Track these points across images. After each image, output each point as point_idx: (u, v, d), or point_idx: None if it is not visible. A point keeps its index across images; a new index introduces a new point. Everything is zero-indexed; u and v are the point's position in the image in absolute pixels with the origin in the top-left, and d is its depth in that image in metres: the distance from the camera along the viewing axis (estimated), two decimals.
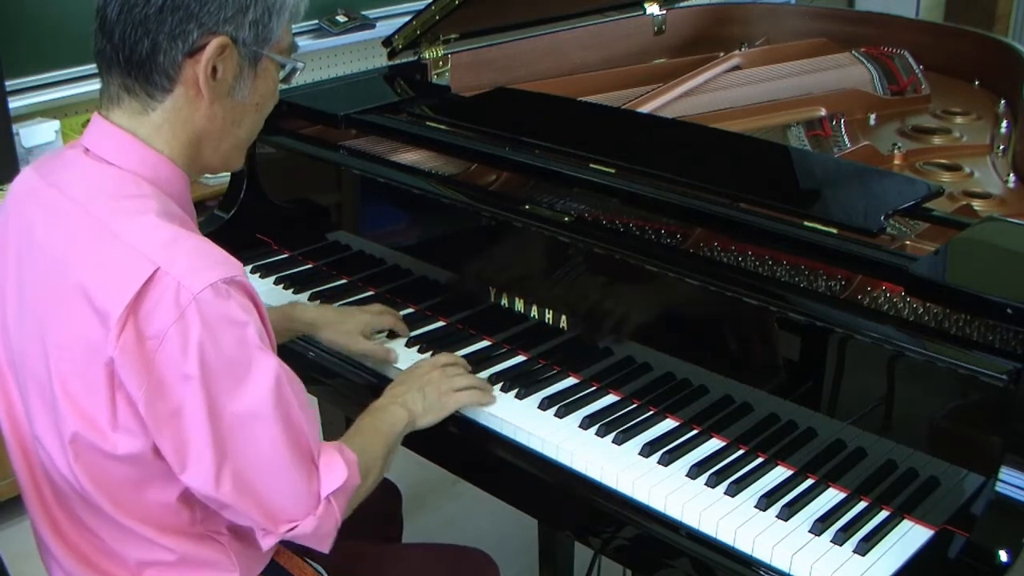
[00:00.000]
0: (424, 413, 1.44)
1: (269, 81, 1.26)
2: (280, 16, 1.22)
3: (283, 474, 1.19)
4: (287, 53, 1.27)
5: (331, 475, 1.23)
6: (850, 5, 5.09)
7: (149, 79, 1.18)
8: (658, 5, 2.49)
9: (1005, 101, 2.16)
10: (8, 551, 1.59)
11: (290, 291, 1.84)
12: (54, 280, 1.17)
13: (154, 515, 1.22)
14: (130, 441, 1.15)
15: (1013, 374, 1.16)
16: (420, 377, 1.48)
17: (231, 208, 2.00)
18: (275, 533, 1.21)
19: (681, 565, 1.28)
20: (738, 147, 1.71)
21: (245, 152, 1.32)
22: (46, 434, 1.21)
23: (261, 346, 1.15)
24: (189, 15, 1.15)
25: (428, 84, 2.14)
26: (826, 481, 1.32)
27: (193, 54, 1.17)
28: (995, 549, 1.12)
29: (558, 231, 1.53)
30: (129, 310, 1.09)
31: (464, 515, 2.65)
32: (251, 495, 1.18)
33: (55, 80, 2.85)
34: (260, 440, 1.16)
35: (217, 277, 1.11)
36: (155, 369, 1.10)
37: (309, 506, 1.22)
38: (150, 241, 1.13)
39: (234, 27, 1.18)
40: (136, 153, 1.20)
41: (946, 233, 1.41)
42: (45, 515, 1.29)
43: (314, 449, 1.23)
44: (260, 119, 1.30)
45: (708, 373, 1.42)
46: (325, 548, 1.27)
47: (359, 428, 1.39)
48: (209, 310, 1.10)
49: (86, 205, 1.18)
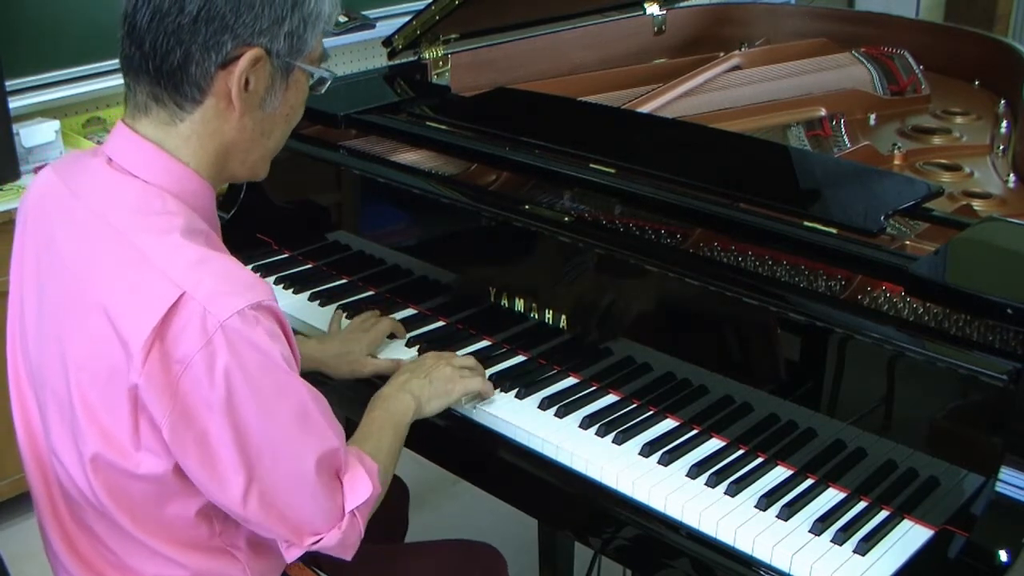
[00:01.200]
0: (430, 399, 1.45)
1: (300, 92, 1.24)
2: (315, 27, 1.20)
3: (309, 492, 1.19)
4: (318, 63, 1.24)
5: (356, 490, 1.24)
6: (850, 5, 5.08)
7: (179, 89, 1.15)
8: (658, 5, 2.49)
9: (1005, 101, 2.16)
10: (8, 551, 1.59)
11: (290, 291, 1.84)
12: (75, 296, 1.15)
13: (172, 530, 1.21)
14: (153, 461, 1.14)
15: (1013, 374, 1.16)
16: (426, 366, 1.49)
17: (231, 208, 2.00)
18: (300, 546, 1.22)
19: (681, 565, 1.28)
20: (738, 147, 1.71)
21: (270, 161, 1.29)
22: (64, 448, 1.20)
23: (288, 371, 1.14)
24: (224, 26, 1.12)
25: (428, 84, 2.14)
26: (826, 481, 1.32)
27: (226, 66, 1.14)
28: (995, 549, 1.13)
29: (558, 231, 1.54)
30: (155, 335, 1.07)
31: (464, 515, 2.65)
32: (277, 513, 1.18)
33: (55, 80, 2.84)
34: (287, 462, 1.16)
35: (245, 303, 1.09)
36: (179, 395, 1.09)
37: (334, 520, 1.22)
38: (175, 263, 1.10)
39: (269, 39, 1.15)
40: (163, 166, 1.18)
41: (946, 233, 1.41)
42: (58, 528, 1.28)
43: (342, 465, 1.23)
44: (288, 129, 1.27)
45: (708, 373, 1.42)
46: (348, 557, 1.27)
47: (371, 424, 1.39)
48: (236, 337, 1.08)
49: (110, 219, 1.15)
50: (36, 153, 2.63)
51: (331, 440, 1.20)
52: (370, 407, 1.42)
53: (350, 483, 1.23)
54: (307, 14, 1.18)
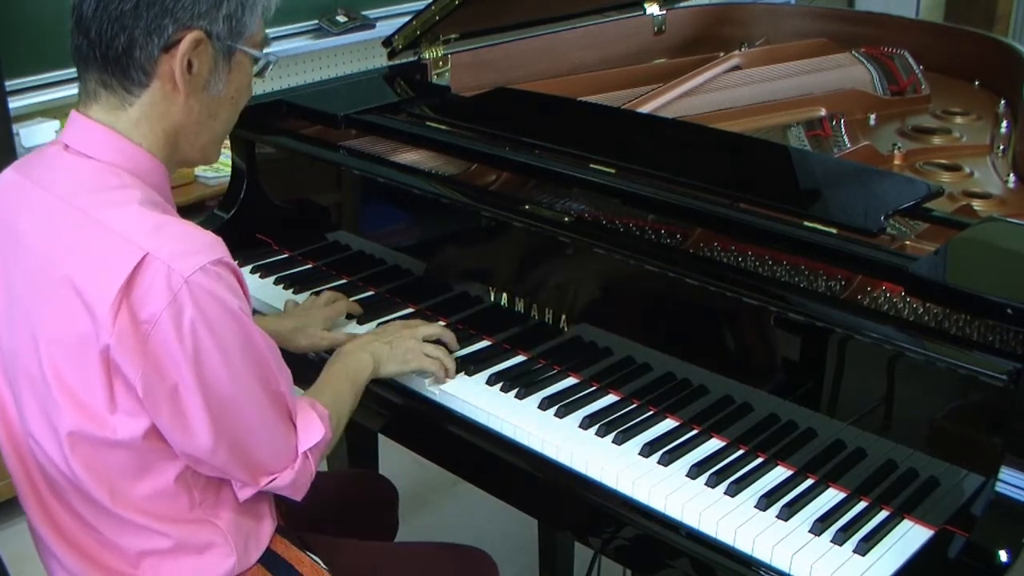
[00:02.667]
0: (387, 362, 1.51)
1: (243, 75, 1.29)
2: (253, 11, 1.25)
3: (267, 436, 1.25)
4: (260, 47, 1.29)
5: (308, 432, 1.30)
6: (850, 5, 5.09)
7: (126, 74, 1.20)
8: (658, 5, 2.49)
9: (1005, 101, 2.16)
10: (8, 551, 1.59)
11: (290, 291, 1.84)
12: (41, 275, 1.18)
13: (152, 502, 1.24)
14: (129, 423, 1.17)
15: (1013, 374, 1.16)
16: (392, 333, 1.56)
17: (231, 208, 2.00)
18: (255, 485, 1.27)
19: (681, 565, 1.28)
20: (738, 147, 1.71)
21: (221, 145, 1.34)
22: (40, 430, 1.22)
23: (248, 321, 1.20)
24: (164, 10, 1.18)
25: (428, 84, 2.14)
26: (826, 481, 1.32)
27: (169, 49, 1.20)
28: (995, 549, 1.12)
29: (558, 231, 1.54)
30: (121, 295, 1.11)
31: (464, 515, 2.65)
32: (240, 457, 1.24)
33: (55, 80, 2.84)
34: (248, 408, 1.22)
35: (206, 260, 1.14)
36: (150, 352, 1.13)
37: (288, 460, 1.29)
38: (136, 228, 1.15)
39: (208, 21, 1.21)
40: (115, 146, 1.22)
41: (946, 233, 1.41)
42: (43, 513, 1.29)
43: (291, 407, 1.29)
44: (235, 112, 1.32)
45: (708, 373, 1.42)
46: (299, 497, 1.33)
47: (330, 376, 1.46)
48: (200, 292, 1.13)
49: (69, 199, 1.20)
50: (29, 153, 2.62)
51: (283, 384, 1.26)
52: (330, 360, 1.50)
53: (303, 425, 1.30)
54: None
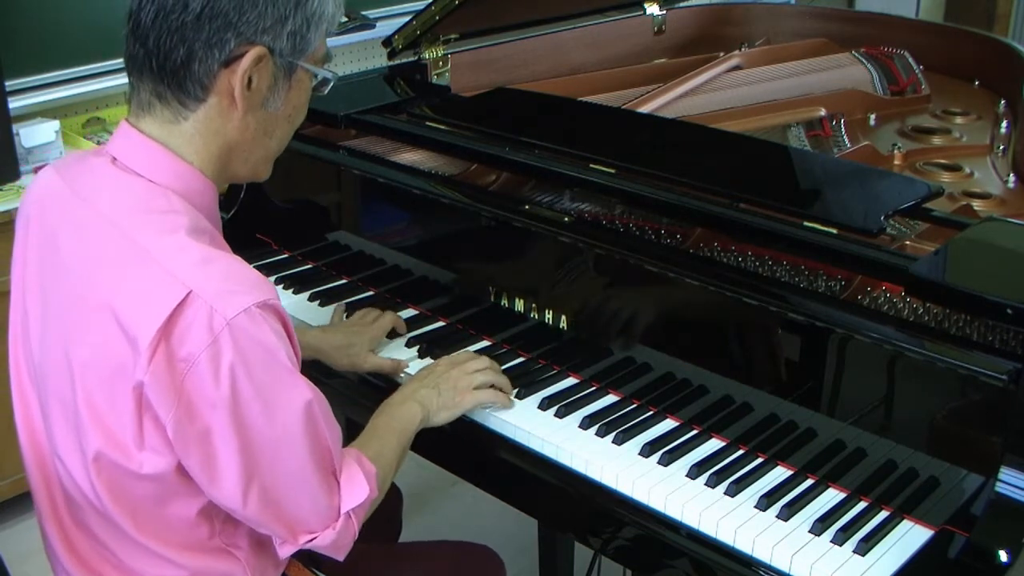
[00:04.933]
0: (438, 410, 1.44)
1: (302, 92, 1.24)
2: (319, 27, 1.20)
3: (306, 491, 1.19)
4: (321, 63, 1.24)
5: (352, 492, 1.24)
6: (850, 5, 5.08)
7: (183, 87, 1.15)
8: (658, 5, 2.49)
9: (1005, 101, 2.16)
10: (8, 551, 1.60)
11: (290, 291, 1.84)
12: (80, 297, 1.15)
13: (172, 531, 1.21)
14: (156, 460, 1.14)
15: (1013, 374, 1.16)
16: (437, 374, 1.48)
17: (231, 208, 2.00)
18: (294, 543, 1.22)
19: (681, 565, 1.28)
20: (738, 147, 1.71)
21: (272, 163, 1.29)
22: (67, 449, 1.20)
23: (291, 370, 1.14)
24: (227, 24, 1.13)
25: (428, 84, 2.14)
26: (826, 481, 1.32)
27: (229, 64, 1.15)
28: (995, 549, 1.13)
29: (558, 231, 1.53)
30: (161, 334, 1.07)
31: (465, 515, 2.65)
32: (275, 510, 1.18)
33: (55, 80, 2.84)
34: (287, 461, 1.16)
35: (251, 302, 1.09)
36: (184, 393, 1.09)
37: (329, 519, 1.23)
38: (182, 262, 1.10)
39: (272, 37, 1.16)
40: (167, 165, 1.18)
41: (946, 233, 1.41)
42: (58, 528, 1.28)
43: (337, 464, 1.23)
44: (291, 130, 1.27)
45: (708, 373, 1.42)
46: (340, 557, 1.28)
47: (375, 429, 1.39)
48: (242, 336, 1.08)
49: (114, 219, 1.15)
50: (36, 153, 2.63)
51: (330, 440, 1.20)
52: (377, 412, 1.42)
53: (347, 484, 1.24)
54: (310, 14, 1.18)
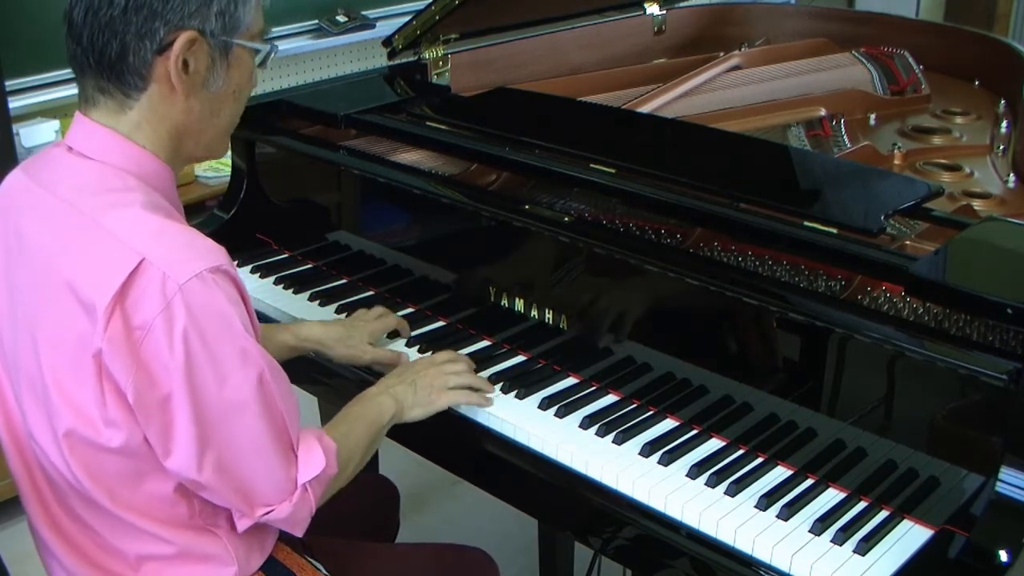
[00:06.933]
0: (412, 407, 1.46)
1: (244, 68, 1.26)
2: (246, 3, 1.23)
3: (262, 461, 1.21)
4: (259, 38, 1.27)
5: (309, 463, 1.25)
6: (850, 5, 5.09)
7: (122, 79, 1.19)
8: (658, 5, 2.49)
9: (1005, 101, 2.16)
10: (8, 551, 1.60)
11: (290, 291, 1.84)
12: (43, 278, 1.17)
13: (152, 508, 1.23)
14: (120, 432, 1.16)
15: (1013, 374, 1.16)
16: (415, 371, 1.50)
17: (231, 208, 2.00)
18: (251, 516, 1.24)
19: (681, 565, 1.28)
20: (738, 147, 1.71)
21: (228, 139, 1.32)
22: (41, 432, 1.22)
23: (246, 336, 1.16)
24: (153, 13, 1.16)
25: (428, 84, 2.14)
26: (826, 481, 1.32)
27: (163, 51, 1.18)
28: (995, 549, 1.12)
29: (558, 231, 1.53)
30: (115, 301, 1.10)
31: (464, 515, 2.65)
32: (230, 479, 1.20)
33: (55, 80, 2.84)
34: (242, 428, 1.18)
35: (203, 267, 1.12)
36: (142, 359, 1.11)
37: (286, 492, 1.24)
38: (135, 232, 1.13)
39: (200, 20, 1.18)
40: (119, 148, 1.21)
41: (946, 233, 1.41)
42: (44, 514, 1.29)
43: (293, 437, 1.24)
44: (239, 106, 1.30)
45: (708, 373, 1.42)
46: (299, 532, 1.29)
47: (345, 415, 1.41)
48: (195, 300, 1.11)
49: (72, 201, 1.18)
50: (36, 153, 2.62)
51: (283, 406, 1.21)
52: (352, 401, 1.45)
53: (304, 456, 1.25)
54: None
